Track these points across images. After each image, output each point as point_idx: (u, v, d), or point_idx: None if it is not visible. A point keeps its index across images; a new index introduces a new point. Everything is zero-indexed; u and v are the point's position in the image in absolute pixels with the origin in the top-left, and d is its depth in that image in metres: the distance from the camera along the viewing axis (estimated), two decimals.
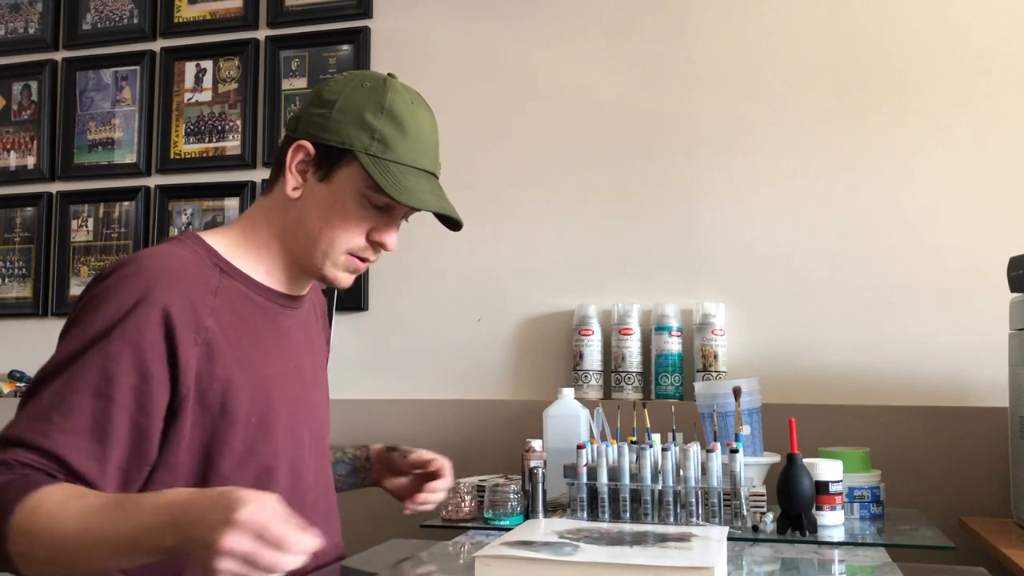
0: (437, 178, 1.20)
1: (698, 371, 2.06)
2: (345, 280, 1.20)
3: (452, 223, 1.21)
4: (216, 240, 1.17)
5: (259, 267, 1.19)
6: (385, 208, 1.16)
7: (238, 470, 1.10)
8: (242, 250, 1.18)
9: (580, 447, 1.56)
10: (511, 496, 1.55)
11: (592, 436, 1.71)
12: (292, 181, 1.16)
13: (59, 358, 1.03)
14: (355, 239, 1.16)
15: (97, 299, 1.05)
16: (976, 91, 2.03)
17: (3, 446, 0.98)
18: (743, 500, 1.46)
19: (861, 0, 2.12)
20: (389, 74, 1.20)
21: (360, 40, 2.43)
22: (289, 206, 1.17)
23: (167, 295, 1.05)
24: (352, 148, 1.13)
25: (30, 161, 2.66)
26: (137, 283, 1.05)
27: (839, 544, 1.40)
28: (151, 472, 1.06)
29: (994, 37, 2.04)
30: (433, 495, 1.35)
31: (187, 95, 2.56)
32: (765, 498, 1.50)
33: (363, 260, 1.19)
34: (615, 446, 1.57)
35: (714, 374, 2.04)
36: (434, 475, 1.35)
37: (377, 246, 1.18)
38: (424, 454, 1.37)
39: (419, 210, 1.16)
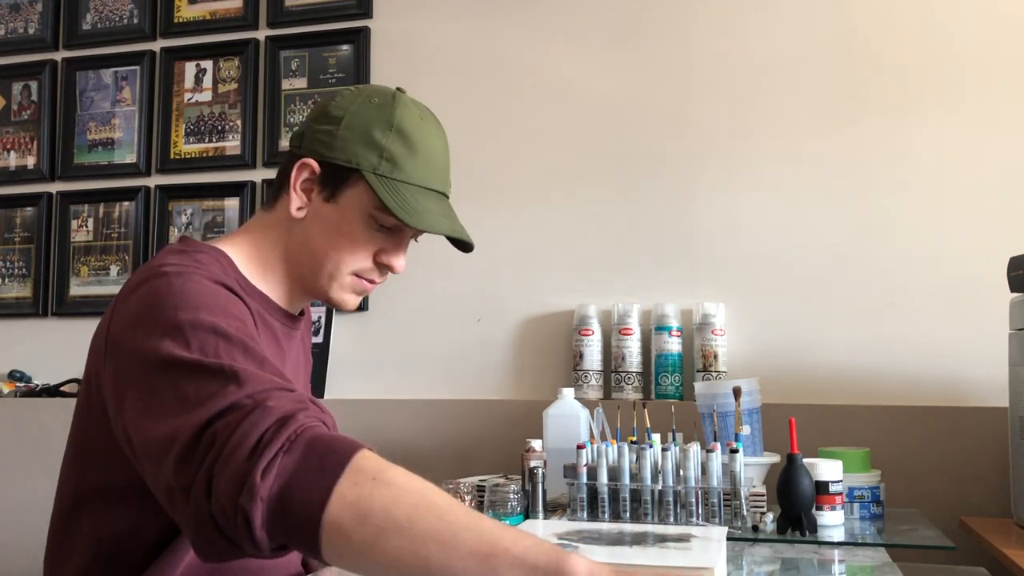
0: (448, 197, 1.17)
1: (698, 371, 2.06)
2: (351, 302, 1.17)
3: (464, 244, 1.17)
4: (233, 252, 1.12)
5: (271, 289, 1.15)
6: (393, 230, 1.13)
7: None
8: (255, 269, 1.14)
9: (580, 447, 1.55)
10: (511, 496, 1.55)
11: (592, 436, 1.71)
12: (296, 200, 1.12)
13: (196, 338, 0.87)
14: (362, 261, 1.13)
15: (181, 290, 0.93)
16: (976, 91, 2.03)
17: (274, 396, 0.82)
18: (743, 500, 1.46)
19: (861, 1, 2.12)
20: (398, 88, 1.16)
21: (360, 40, 2.42)
22: (293, 226, 1.13)
23: (233, 288, 1.01)
24: (359, 168, 1.09)
25: (30, 161, 2.66)
26: (204, 277, 0.98)
27: (839, 544, 1.40)
28: None
29: (994, 37, 2.04)
30: None
31: (187, 95, 2.56)
32: (765, 498, 1.50)
33: (370, 281, 1.16)
34: (615, 446, 1.57)
35: (714, 374, 2.04)
36: None
37: (384, 268, 1.15)
38: None
39: (429, 232, 1.12)
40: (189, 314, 0.90)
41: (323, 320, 2.32)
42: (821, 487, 1.46)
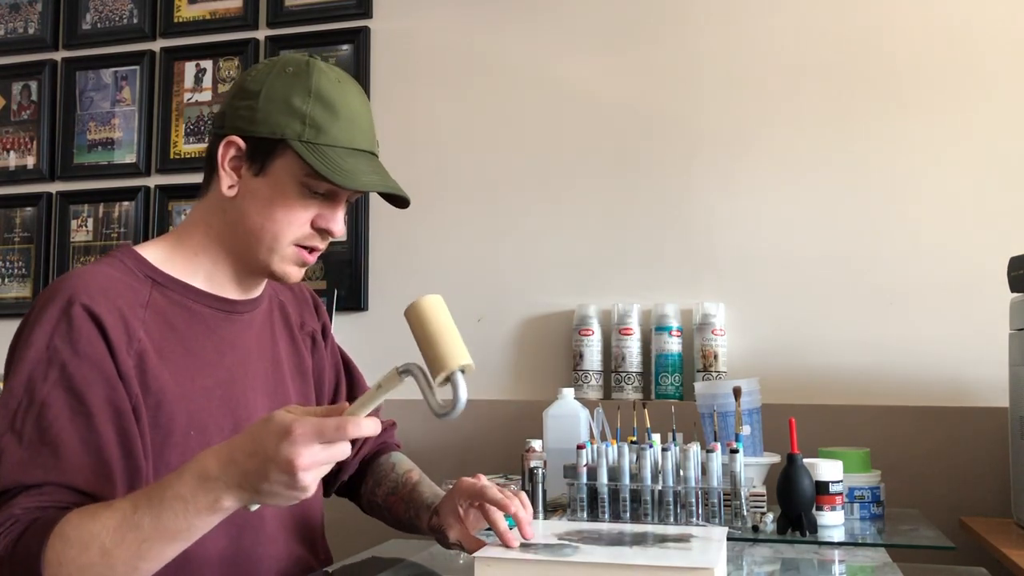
0: (376, 156, 1.15)
1: (698, 371, 2.06)
2: (294, 274, 1.15)
3: (399, 201, 1.15)
4: (150, 251, 1.14)
5: (198, 273, 1.15)
6: (327, 194, 1.12)
7: None
8: (178, 257, 1.15)
9: (580, 447, 1.56)
10: None
11: (592, 436, 1.71)
12: (227, 179, 1.11)
13: (15, 396, 0.99)
14: (300, 229, 1.12)
15: (33, 328, 1.02)
16: (976, 91, 2.03)
17: (3, 504, 0.94)
18: (743, 500, 1.46)
19: (860, 2, 2.12)
20: (311, 55, 1.15)
21: (360, 40, 2.42)
22: (227, 205, 1.13)
23: (94, 307, 1.02)
24: (284, 137, 1.08)
25: (30, 161, 2.66)
26: (64, 301, 1.02)
27: (839, 544, 1.40)
28: None
29: (995, 37, 2.03)
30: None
31: (187, 95, 2.56)
32: (765, 498, 1.50)
33: (311, 250, 1.14)
34: (615, 446, 1.57)
35: (714, 374, 2.04)
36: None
37: (324, 233, 1.14)
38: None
39: (362, 192, 1.13)
40: (24, 364, 1.00)
41: None
42: (821, 487, 1.46)
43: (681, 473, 1.48)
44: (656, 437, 1.58)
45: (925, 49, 2.07)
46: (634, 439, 1.64)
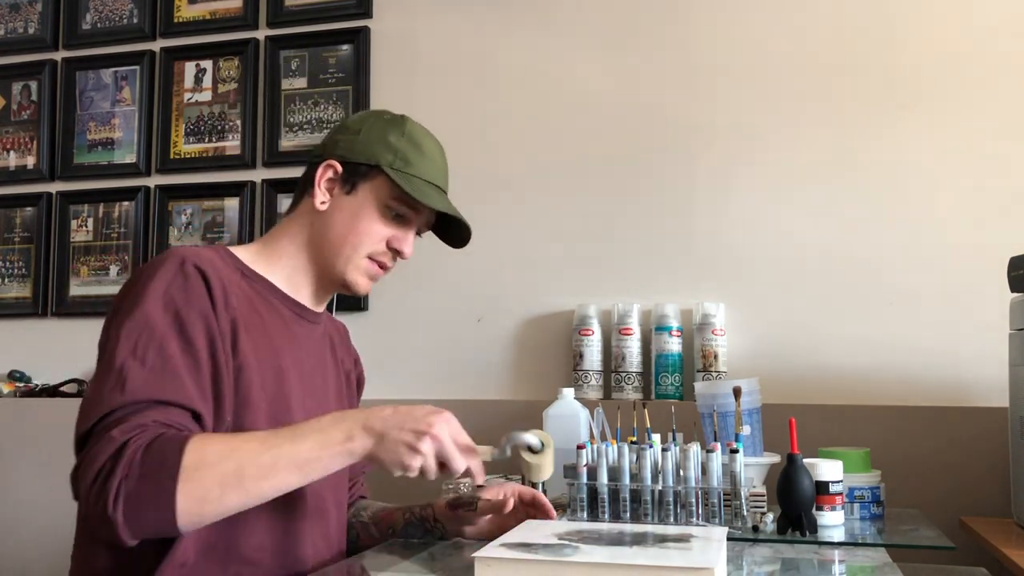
0: (446, 194, 1.36)
1: (698, 371, 2.06)
2: (364, 285, 1.32)
3: (459, 240, 1.37)
4: (238, 250, 1.28)
5: (279, 275, 1.29)
6: (404, 218, 1.31)
7: None
8: (263, 260, 1.29)
9: (580, 447, 1.55)
10: None
11: (592, 436, 1.71)
12: (320, 196, 1.28)
13: (134, 328, 1.07)
14: (376, 245, 1.29)
15: (151, 278, 1.12)
16: (976, 91, 2.03)
17: (131, 413, 1.02)
18: (743, 500, 1.46)
19: (859, 2, 2.12)
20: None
21: (360, 40, 2.43)
22: (315, 219, 1.29)
23: (204, 267, 1.15)
24: (379, 164, 1.27)
25: (30, 161, 2.66)
26: (179, 260, 1.14)
27: (839, 544, 1.40)
28: None
29: (995, 38, 2.04)
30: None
31: (187, 95, 2.57)
32: (765, 498, 1.50)
33: (381, 266, 1.31)
34: (615, 446, 1.57)
35: (714, 374, 2.04)
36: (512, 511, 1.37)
37: (395, 253, 1.32)
38: (491, 499, 1.37)
39: (435, 215, 1.33)
40: (144, 304, 1.10)
41: None
42: (821, 487, 1.45)
43: (681, 473, 1.48)
44: (656, 437, 1.58)
45: (926, 50, 2.07)
46: (634, 439, 1.64)
